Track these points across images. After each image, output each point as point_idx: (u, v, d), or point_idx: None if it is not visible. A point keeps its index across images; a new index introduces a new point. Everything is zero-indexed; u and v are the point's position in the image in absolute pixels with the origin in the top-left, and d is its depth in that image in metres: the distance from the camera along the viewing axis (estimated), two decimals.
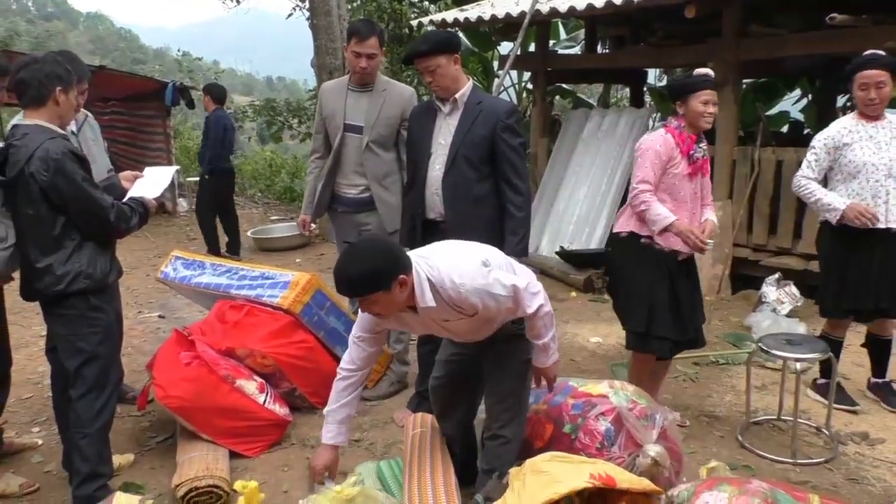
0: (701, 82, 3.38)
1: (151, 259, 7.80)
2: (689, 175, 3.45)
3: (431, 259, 2.47)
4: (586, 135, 7.81)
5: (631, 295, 3.54)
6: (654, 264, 3.47)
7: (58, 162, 2.73)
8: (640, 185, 3.40)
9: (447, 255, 2.51)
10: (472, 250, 2.56)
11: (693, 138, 3.44)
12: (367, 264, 2.31)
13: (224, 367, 3.44)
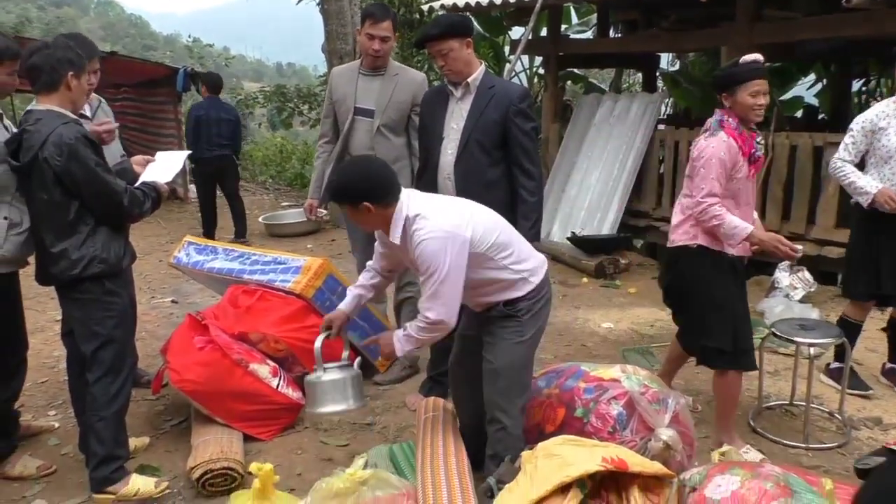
0: (750, 71, 3.08)
1: (164, 245, 7.83)
2: (750, 176, 3.21)
3: (427, 205, 2.60)
4: (598, 120, 7.78)
5: (710, 311, 3.23)
6: (729, 276, 3.22)
7: (71, 147, 2.74)
8: (708, 199, 3.09)
9: (442, 209, 2.61)
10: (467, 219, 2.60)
11: (753, 136, 3.16)
12: (345, 178, 2.65)
13: (237, 352, 3.46)
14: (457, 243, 2.52)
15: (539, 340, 2.86)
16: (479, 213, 2.70)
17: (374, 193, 2.55)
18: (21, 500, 3.05)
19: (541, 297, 2.77)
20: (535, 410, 3.01)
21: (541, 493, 2.39)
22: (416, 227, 2.54)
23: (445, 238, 2.51)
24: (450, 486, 2.47)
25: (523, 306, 2.73)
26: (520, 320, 2.73)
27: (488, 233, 2.63)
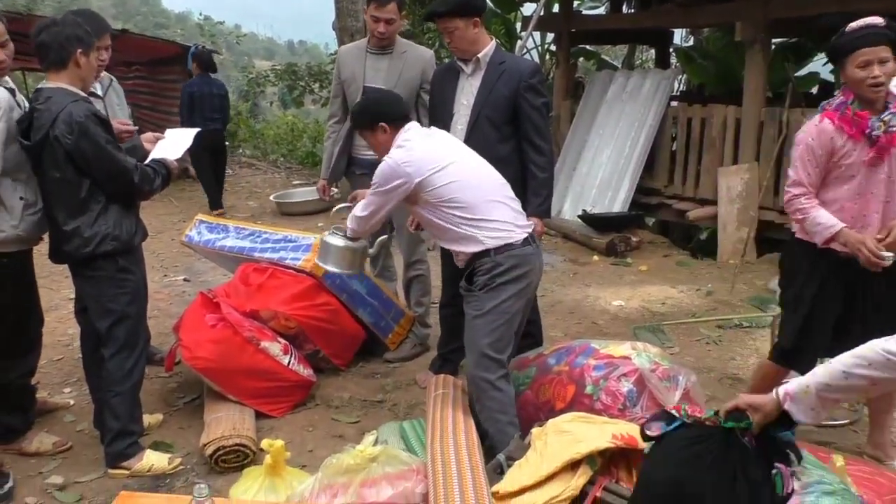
0: (855, 39, 2.62)
1: (176, 223, 7.86)
2: (872, 160, 2.71)
3: (417, 139, 2.90)
4: (610, 97, 7.72)
5: (788, 303, 3.01)
6: (820, 273, 2.87)
7: (81, 125, 2.74)
8: (792, 189, 2.83)
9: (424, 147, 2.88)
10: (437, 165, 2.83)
11: (865, 115, 2.67)
12: (365, 103, 3.14)
13: (248, 329, 3.48)
14: (401, 179, 2.81)
15: (504, 321, 2.83)
16: (462, 167, 2.87)
17: (388, 114, 2.94)
18: (38, 475, 3.09)
19: (497, 272, 2.80)
20: (545, 387, 3.02)
21: (551, 469, 2.40)
22: (390, 153, 2.87)
23: (395, 169, 2.81)
24: (459, 463, 2.48)
25: (479, 281, 2.83)
26: (476, 295, 2.85)
27: (453, 187, 2.81)
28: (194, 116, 7.89)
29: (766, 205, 6.23)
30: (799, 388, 1.91)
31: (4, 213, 2.86)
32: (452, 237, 2.89)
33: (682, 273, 5.95)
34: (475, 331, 2.84)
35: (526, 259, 2.86)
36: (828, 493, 2.23)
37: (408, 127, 2.94)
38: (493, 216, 2.84)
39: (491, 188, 2.91)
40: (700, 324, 4.69)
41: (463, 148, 3.02)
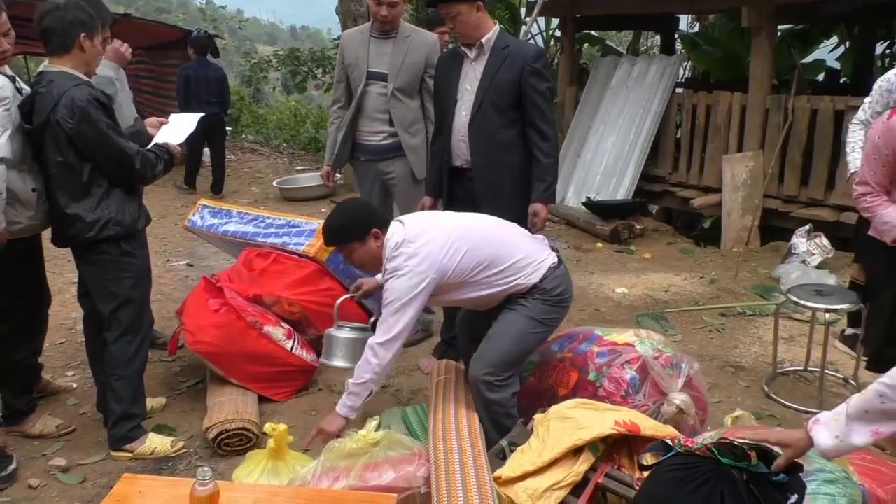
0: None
1: (179, 208, 7.86)
2: None
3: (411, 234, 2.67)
4: (615, 83, 7.68)
5: (870, 308, 2.94)
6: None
7: (83, 109, 2.73)
8: (858, 188, 2.78)
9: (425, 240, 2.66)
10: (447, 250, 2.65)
11: None
12: (339, 220, 2.76)
13: (252, 314, 3.48)
14: (423, 285, 2.62)
15: (539, 336, 2.82)
16: (461, 231, 2.72)
17: (378, 217, 2.76)
18: (41, 457, 3.11)
19: (551, 295, 2.75)
20: (548, 373, 3.02)
21: (553, 455, 2.40)
22: (397, 267, 2.64)
23: (413, 278, 2.61)
24: (461, 448, 2.48)
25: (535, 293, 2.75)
26: (527, 299, 2.75)
27: (470, 255, 2.67)
28: (190, 100, 7.94)
29: (771, 193, 6.21)
30: (832, 415, 1.77)
31: (20, 206, 2.86)
32: (498, 297, 2.78)
33: (685, 261, 5.94)
34: (512, 328, 2.75)
35: (567, 279, 2.84)
36: (829, 481, 2.23)
37: (391, 233, 2.72)
38: (520, 252, 2.75)
39: (496, 231, 2.83)
40: (703, 312, 4.68)
41: (443, 213, 2.96)
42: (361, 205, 2.91)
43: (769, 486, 1.85)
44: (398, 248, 2.66)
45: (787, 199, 6.16)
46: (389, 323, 2.65)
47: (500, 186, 3.37)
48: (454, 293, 2.77)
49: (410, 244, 2.66)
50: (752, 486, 1.84)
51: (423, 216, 2.86)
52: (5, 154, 2.69)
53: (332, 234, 2.78)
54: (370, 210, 2.87)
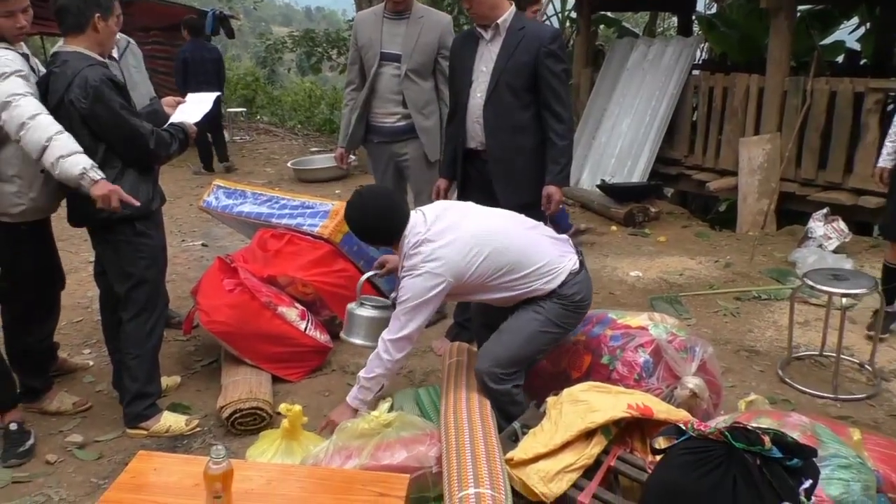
0: None
1: (194, 189, 7.88)
2: None
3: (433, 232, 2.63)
4: (631, 65, 7.60)
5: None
6: None
7: (96, 89, 2.73)
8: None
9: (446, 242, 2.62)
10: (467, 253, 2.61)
11: None
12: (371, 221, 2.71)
13: (266, 294, 3.50)
14: (438, 288, 2.60)
15: (552, 338, 2.80)
16: (485, 232, 2.68)
17: (402, 219, 2.68)
18: (58, 434, 3.15)
19: (570, 301, 2.73)
20: (561, 356, 3.02)
21: (565, 437, 2.40)
22: (414, 266, 2.62)
23: (427, 280, 2.59)
24: (472, 430, 2.49)
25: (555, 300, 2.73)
26: (546, 302, 2.72)
27: (491, 259, 2.63)
28: (189, 82, 8.03)
29: (788, 176, 6.14)
30: None
31: (24, 187, 2.87)
32: (515, 300, 2.75)
33: (700, 244, 5.90)
34: (526, 325, 2.72)
35: (588, 285, 2.82)
36: (843, 466, 2.22)
37: (412, 227, 2.67)
38: (541, 259, 2.70)
39: (519, 235, 2.75)
40: (718, 295, 4.66)
41: (467, 210, 2.83)
42: (396, 208, 2.71)
43: (783, 471, 1.85)
44: (417, 247, 2.62)
45: (805, 182, 6.09)
46: (402, 321, 2.65)
47: (515, 169, 3.35)
48: (471, 294, 2.77)
49: (430, 244, 2.61)
50: (766, 471, 1.83)
51: (447, 211, 2.75)
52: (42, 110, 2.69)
53: (364, 233, 2.79)
54: (402, 213, 2.71)
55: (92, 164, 2.67)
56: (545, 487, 2.32)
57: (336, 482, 2.07)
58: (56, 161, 2.62)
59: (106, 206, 2.69)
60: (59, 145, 2.63)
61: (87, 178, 2.65)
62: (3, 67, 2.68)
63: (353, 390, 2.76)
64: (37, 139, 2.63)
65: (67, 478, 2.87)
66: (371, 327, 2.99)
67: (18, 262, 3.00)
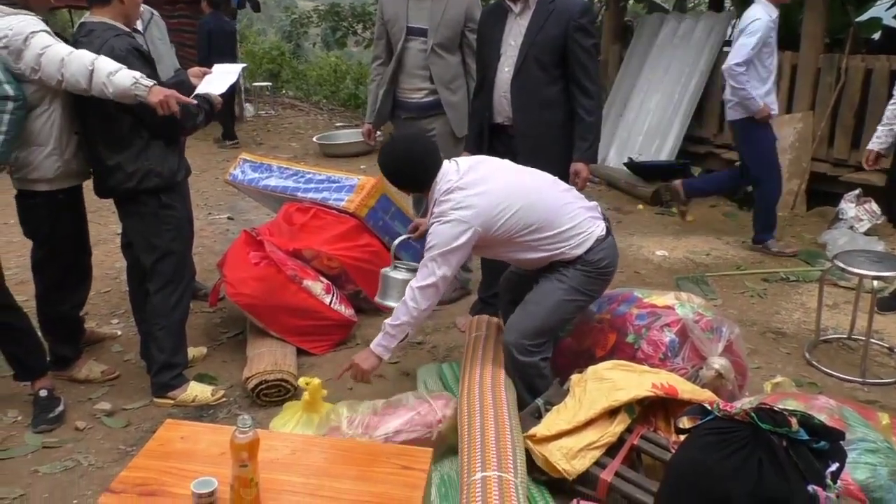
0: None
1: (220, 162, 7.92)
2: None
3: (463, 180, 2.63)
4: (660, 41, 7.48)
5: None
6: None
7: (123, 59, 2.73)
8: None
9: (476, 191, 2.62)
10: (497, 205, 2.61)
11: None
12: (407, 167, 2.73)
13: (291, 268, 3.51)
14: (465, 236, 2.58)
15: (578, 306, 2.79)
16: (517, 186, 2.68)
17: (422, 182, 2.72)
18: (87, 401, 3.20)
19: (595, 267, 2.72)
20: (586, 334, 3.01)
21: (589, 415, 2.41)
22: (442, 212, 2.62)
23: (455, 226, 2.58)
24: (484, 412, 2.49)
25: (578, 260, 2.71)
26: (567, 269, 2.71)
27: (520, 214, 2.62)
28: (212, 54, 7.96)
29: (820, 156, 6.03)
30: None
31: (57, 150, 2.88)
32: (537, 262, 2.75)
33: (728, 224, 5.83)
34: (550, 296, 2.71)
35: (613, 251, 2.80)
36: (871, 450, 2.20)
37: (443, 174, 2.68)
38: (570, 222, 2.68)
39: (551, 195, 2.74)
40: (745, 276, 4.61)
41: (501, 164, 2.83)
42: (430, 153, 2.72)
43: (809, 454, 1.82)
44: (448, 194, 2.62)
45: (837, 162, 5.98)
46: (429, 269, 2.63)
47: (542, 144, 3.31)
48: (497, 248, 2.74)
49: (461, 191, 2.61)
50: (792, 453, 1.81)
51: (480, 164, 2.77)
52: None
53: (397, 177, 2.78)
54: (435, 158, 2.72)
55: (140, 74, 2.67)
56: (567, 464, 2.33)
57: (360, 454, 2.08)
58: (107, 79, 2.63)
59: (165, 110, 2.70)
60: (104, 65, 2.64)
61: (141, 85, 2.65)
62: (32, 27, 2.71)
63: (377, 337, 2.74)
64: (79, 67, 2.64)
65: (96, 444, 2.92)
66: (404, 290, 2.98)
67: (57, 229, 3.05)
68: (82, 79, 2.64)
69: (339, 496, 1.84)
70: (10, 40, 2.68)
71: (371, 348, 2.74)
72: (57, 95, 2.82)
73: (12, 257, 4.48)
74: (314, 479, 1.92)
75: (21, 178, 2.93)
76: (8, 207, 3.49)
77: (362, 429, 2.59)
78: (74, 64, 2.65)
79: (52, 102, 2.83)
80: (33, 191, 2.95)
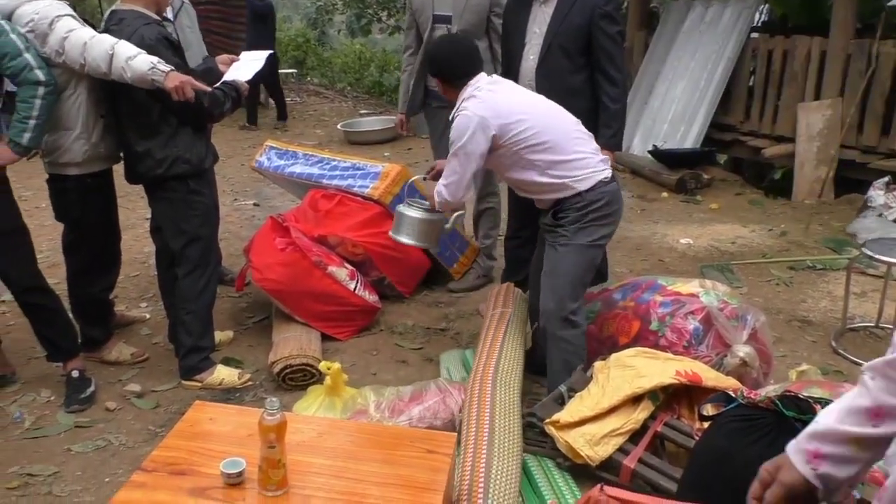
0: None
1: (246, 149, 7.98)
2: None
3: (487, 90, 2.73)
4: (687, 27, 7.40)
5: None
6: None
7: (152, 48, 2.76)
8: None
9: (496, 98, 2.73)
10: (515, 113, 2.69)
11: None
12: (435, 55, 2.90)
13: (316, 254, 3.54)
14: (479, 128, 2.64)
15: (593, 256, 2.79)
16: (537, 108, 2.77)
17: (467, 71, 2.78)
18: (117, 382, 3.26)
19: (590, 209, 2.70)
20: (609, 322, 3.01)
21: (612, 402, 2.41)
22: (461, 106, 2.72)
23: (471, 118, 2.64)
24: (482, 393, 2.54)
25: (569, 216, 2.71)
26: (566, 229, 2.73)
27: (535, 129, 2.67)
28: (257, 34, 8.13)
29: (849, 143, 5.94)
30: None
31: (84, 134, 2.93)
32: (542, 189, 2.76)
33: (754, 212, 5.78)
34: (563, 262, 2.74)
35: (616, 196, 2.79)
36: None
37: (476, 79, 2.79)
38: (579, 153, 2.71)
39: (569, 125, 2.79)
40: (771, 265, 4.57)
41: (530, 92, 2.94)
42: (476, 55, 2.86)
43: None
44: (471, 94, 2.73)
45: (866, 149, 5.89)
46: (451, 166, 2.74)
47: None
48: (509, 168, 2.77)
49: (480, 90, 2.73)
50: None
51: (510, 84, 2.89)
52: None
53: (441, 64, 2.86)
54: (479, 59, 2.85)
55: (158, 59, 2.71)
56: (591, 450, 2.34)
57: (385, 437, 2.11)
58: (126, 64, 2.67)
59: (180, 96, 2.73)
60: (123, 49, 2.68)
61: (158, 70, 2.68)
62: (58, 10, 2.77)
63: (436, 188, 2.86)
64: (101, 51, 2.69)
65: (126, 425, 2.98)
66: (418, 227, 3.03)
67: (87, 213, 3.10)
68: (102, 63, 2.69)
69: (364, 478, 1.87)
70: (36, 24, 2.74)
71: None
72: (82, 79, 2.87)
73: (44, 240, 4.56)
74: (340, 461, 1.95)
75: (51, 161, 2.99)
76: (40, 191, 3.56)
77: (388, 412, 2.62)
78: (96, 48, 2.69)
79: (78, 86, 2.88)
80: (64, 174, 3.00)
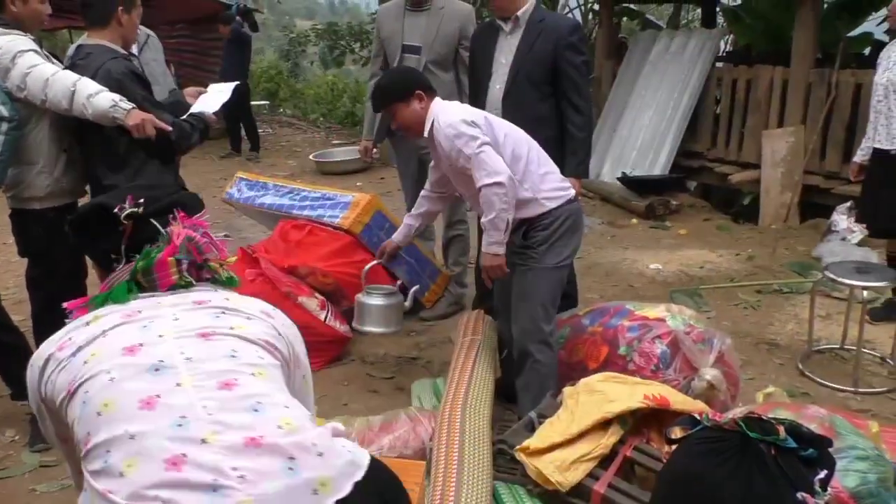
0: None
1: (217, 181, 7.95)
2: None
3: (451, 106, 2.81)
4: (653, 57, 7.56)
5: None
6: None
7: (119, 82, 2.77)
8: None
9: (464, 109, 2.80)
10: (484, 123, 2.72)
11: None
12: (386, 81, 2.94)
13: (286, 284, 3.54)
14: (468, 124, 2.66)
15: (562, 276, 2.84)
16: (504, 128, 2.79)
17: (424, 83, 2.83)
18: None
19: (558, 228, 2.76)
20: (578, 347, 3.03)
21: (581, 427, 2.42)
22: (438, 120, 2.72)
23: (454, 123, 2.67)
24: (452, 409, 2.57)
25: (538, 237, 2.76)
26: (535, 250, 2.76)
27: (508, 141, 2.72)
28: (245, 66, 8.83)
29: (812, 169, 6.08)
30: None
31: (47, 167, 2.90)
32: (520, 205, 2.75)
33: (722, 237, 5.87)
34: (535, 284, 2.77)
35: (580, 214, 2.86)
36: (861, 458, 2.22)
37: (437, 100, 2.83)
38: (550, 168, 2.81)
39: (535, 146, 2.85)
40: (738, 288, 4.64)
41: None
42: (407, 70, 3.00)
43: (797, 461, 1.84)
44: (438, 111, 2.75)
45: (829, 175, 6.03)
46: (479, 171, 2.63)
47: None
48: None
49: (447, 104, 2.81)
50: (781, 461, 1.83)
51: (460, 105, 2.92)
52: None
53: (377, 95, 2.91)
54: (415, 75, 2.95)
55: (120, 97, 2.71)
56: (561, 476, 2.34)
57: None
58: (87, 101, 2.67)
59: (141, 134, 2.73)
60: (84, 86, 2.68)
61: (119, 108, 2.68)
62: (21, 46, 2.75)
63: (484, 239, 2.74)
64: (62, 88, 2.68)
65: None
66: (381, 314, 3.09)
67: (50, 247, 3.02)
68: (64, 99, 2.69)
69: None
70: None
71: (487, 250, 2.74)
72: (45, 113, 2.85)
73: (10, 277, 4.51)
74: None
75: (14, 196, 2.95)
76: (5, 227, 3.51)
77: (358, 443, 2.60)
78: (58, 84, 2.69)
79: (40, 120, 2.86)
80: (27, 209, 2.96)
